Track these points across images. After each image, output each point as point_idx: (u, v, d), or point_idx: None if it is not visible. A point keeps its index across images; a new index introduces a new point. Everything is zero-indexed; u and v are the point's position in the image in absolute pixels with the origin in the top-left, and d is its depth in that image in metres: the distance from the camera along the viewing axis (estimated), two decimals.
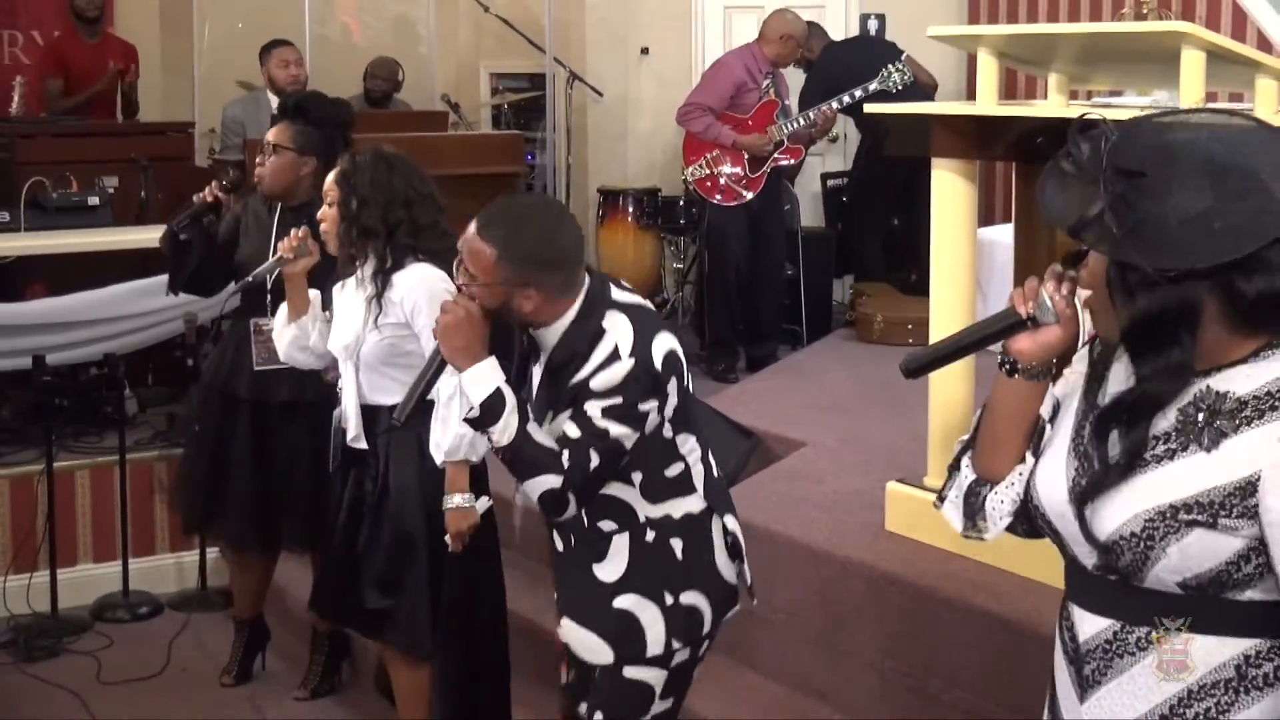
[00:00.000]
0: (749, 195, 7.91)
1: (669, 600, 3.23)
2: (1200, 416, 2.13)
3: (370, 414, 4.24)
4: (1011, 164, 4.79)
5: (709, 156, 7.89)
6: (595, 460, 3.06)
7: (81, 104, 8.46)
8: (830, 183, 9.36)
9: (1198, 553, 2.10)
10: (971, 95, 5.42)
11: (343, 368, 4.28)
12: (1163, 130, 2.16)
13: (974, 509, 2.46)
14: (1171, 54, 3.94)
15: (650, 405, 3.11)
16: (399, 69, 9.25)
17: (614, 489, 3.19)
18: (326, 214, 4.24)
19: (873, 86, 7.82)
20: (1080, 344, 2.37)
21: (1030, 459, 2.36)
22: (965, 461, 2.50)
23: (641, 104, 9.57)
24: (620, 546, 3.23)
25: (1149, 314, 2.11)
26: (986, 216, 7.25)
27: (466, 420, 3.10)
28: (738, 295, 8.02)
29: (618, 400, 3.07)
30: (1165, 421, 2.16)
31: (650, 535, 3.22)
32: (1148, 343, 2.14)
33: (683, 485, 3.26)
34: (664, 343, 3.14)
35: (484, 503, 4.09)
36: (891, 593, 4.39)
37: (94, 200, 6.97)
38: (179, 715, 5.19)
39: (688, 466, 3.26)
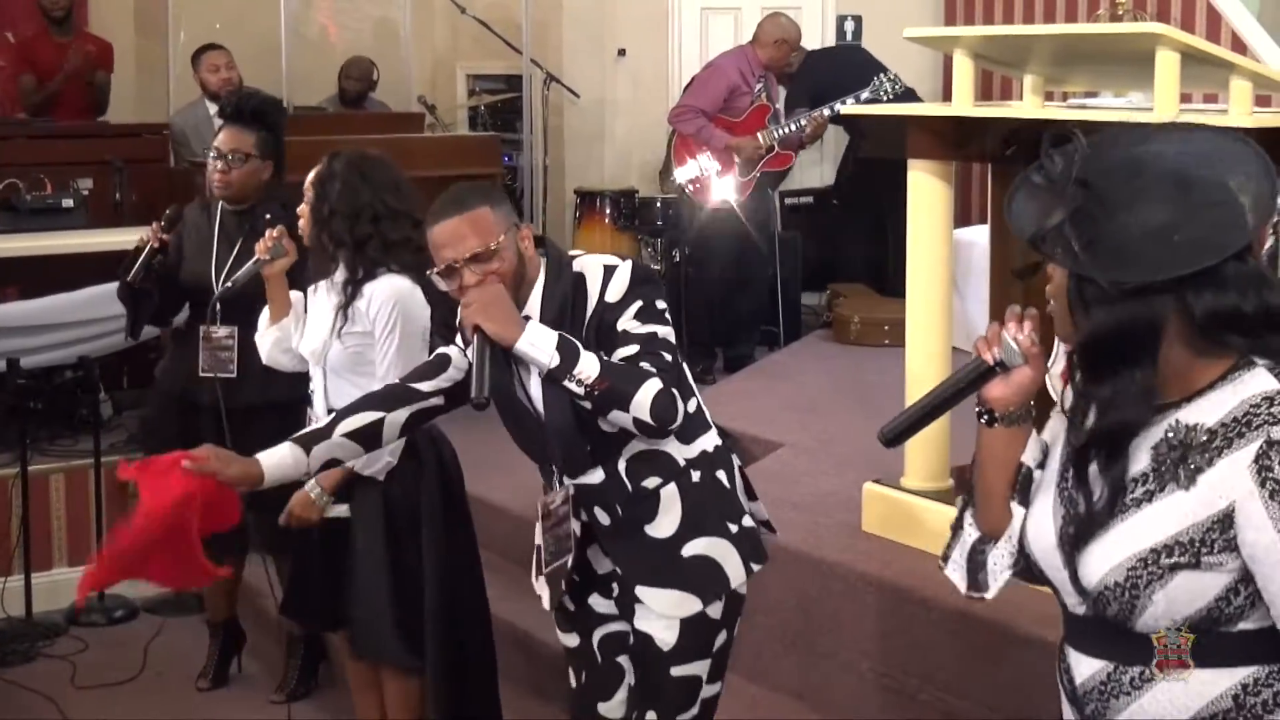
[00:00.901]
0: (738, 198, 7.93)
1: (733, 529, 3.26)
2: (1173, 454, 2.09)
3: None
4: (987, 165, 4.79)
5: (699, 159, 7.90)
6: (667, 356, 3.08)
7: (53, 94, 8.40)
8: (789, 200, 9.34)
9: (1184, 596, 2.07)
10: (948, 97, 5.42)
11: (313, 371, 4.27)
12: (1134, 142, 2.15)
13: (976, 568, 2.42)
14: (1146, 55, 3.95)
15: (664, 304, 3.17)
16: (374, 69, 9.24)
17: (649, 441, 3.19)
18: (304, 212, 4.23)
19: (864, 95, 7.85)
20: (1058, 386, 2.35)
21: (1018, 509, 2.33)
22: (968, 519, 2.46)
23: (618, 105, 9.56)
24: (670, 498, 3.23)
25: (1106, 329, 2.08)
26: (963, 217, 7.26)
27: (548, 376, 3.05)
28: (720, 297, 8.03)
29: (640, 302, 3.12)
30: (1140, 462, 2.12)
31: (696, 475, 3.25)
32: (1105, 362, 2.11)
33: (701, 421, 3.30)
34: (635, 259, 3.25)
35: (339, 509, 4.13)
36: (869, 593, 4.39)
37: (68, 202, 6.94)
38: (155, 719, 5.17)
39: (700, 401, 3.30)
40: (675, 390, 3.04)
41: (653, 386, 3.02)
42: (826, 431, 5.93)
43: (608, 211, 8.65)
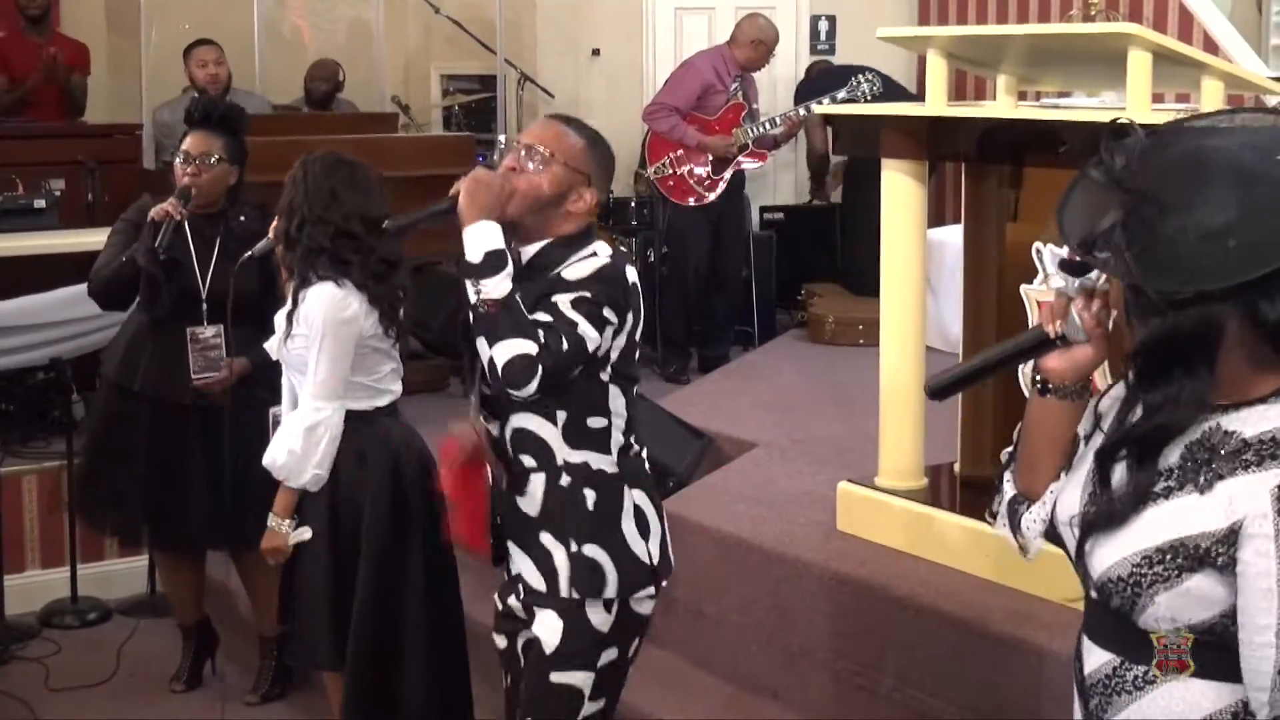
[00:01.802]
0: (711, 197, 7.94)
1: (573, 548, 3.23)
2: (1200, 456, 2.03)
3: None
4: (961, 165, 4.80)
5: (673, 156, 7.91)
6: (566, 345, 3.06)
7: (23, 95, 8.36)
8: (767, 215, 9.35)
9: (1187, 604, 2.02)
10: (922, 97, 5.43)
11: (282, 365, 4.29)
12: (1196, 135, 2.05)
13: (1015, 525, 2.37)
14: (1119, 55, 3.97)
15: (612, 317, 3.14)
16: (339, 69, 9.20)
17: (536, 424, 3.21)
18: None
19: (841, 95, 7.86)
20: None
21: (1063, 476, 2.27)
22: (1007, 476, 2.41)
23: (593, 105, 9.55)
24: (537, 486, 3.24)
25: (1159, 338, 2.00)
26: (936, 217, 7.27)
27: (463, 266, 3.06)
28: (695, 297, 8.04)
29: (586, 294, 3.11)
30: (1171, 458, 2.06)
31: (565, 480, 3.23)
32: (1157, 369, 2.03)
33: (600, 442, 3.26)
34: (632, 273, 3.24)
35: (301, 533, 4.13)
36: (843, 592, 4.39)
37: (40, 203, 6.90)
38: None
39: (609, 425, 3.27)
40: (543, 367, 3.01)
41: (524, 347, 3.01)
42: (801, 431, 5.94)
43: None
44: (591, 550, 3.23)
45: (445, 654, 4.27)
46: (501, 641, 3.46)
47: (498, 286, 3.04)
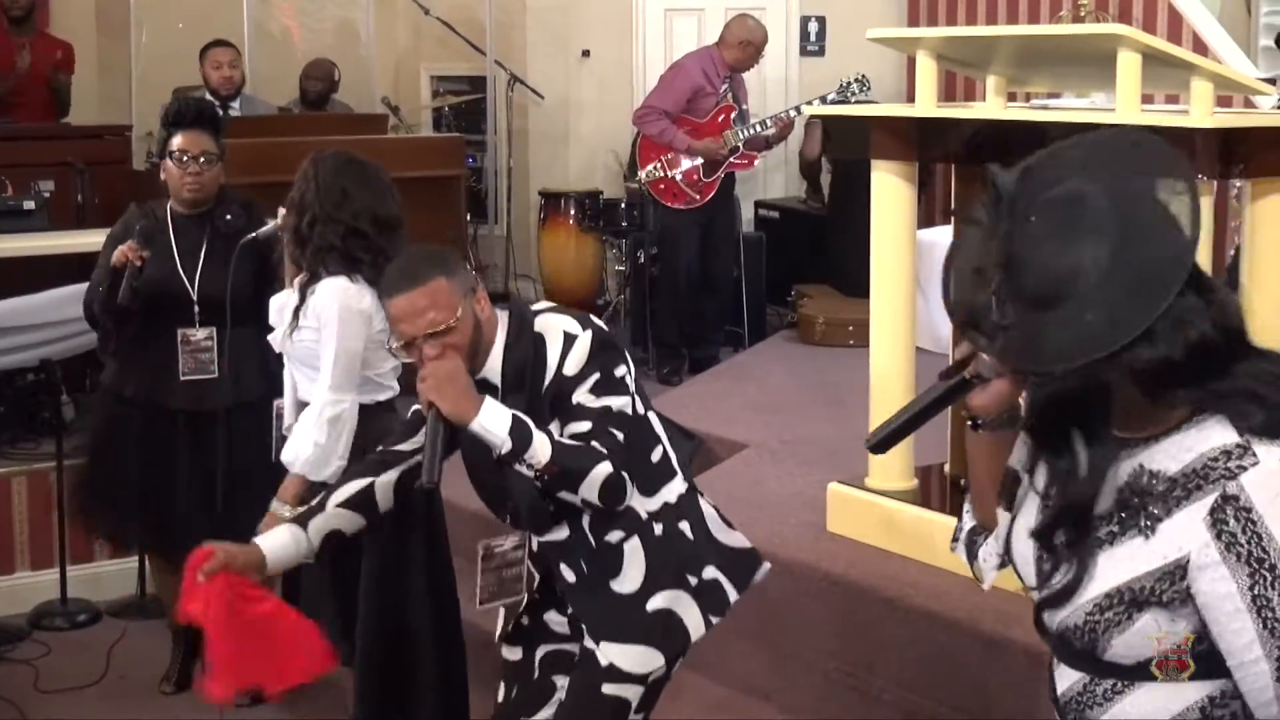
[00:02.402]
0: (701, 199, 7.95)
1: (694, 581, 3.25)
2: (1135, 500, 2.07)
3: (302, 409, 4.26)
4: (951, 166, 4.81)
5: (664, 159, 7.91)
6: (619, 434, 3.07)
7: (8, 94, 8.35)
8: (762, 213, 9.35)
9: (1140, 641, 2.07)
10: (911, 98, 5.44)
11: (286, 361, 4.29)
12: (1051, 182, 2.06)
13: (972, 555, 2.47)
14: (1108, 56, 3.97)
15: (623, 370, 3.15)
16: (335, 69, 9.21)
17: None
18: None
19: (830, 96, 7.88)
20: None
21: (1003, 515, 2.33)
22: (967, 506, 2.49)
23: (583, 106, 9.56)
24: (634, 552, 3.23)
25: (1050, 402, 2.10)
26: (926, 218, 7.28)
27: (501, 459, 3.01)
28: (685, 298, 8.04)
29: (597, 375, 3.10)
30: (1105, 502, 2.11)
31: (658, 529, 3.24)
32: (1053, 429, 2.13)
33: (666, 469, 3.28)
34: (598, 320, 3.22)
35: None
36: (833, 593, 4.40)
37: (29, 204, 6.88)
38: None
39: (665, 449, 3.29)
40: (625, 472, 3.05)
41: (603, 470, 3.03)
42: (791, 432, 5.94)
43: (572, 213, 8.66)
44: (709, 572, 3.28)
45: (449, 648, 4.27)
46: (516, 654, 3.45)
47: (541, 449, 3.00)
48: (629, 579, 3.23)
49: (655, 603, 3.23)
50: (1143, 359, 1.98)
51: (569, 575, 3.28)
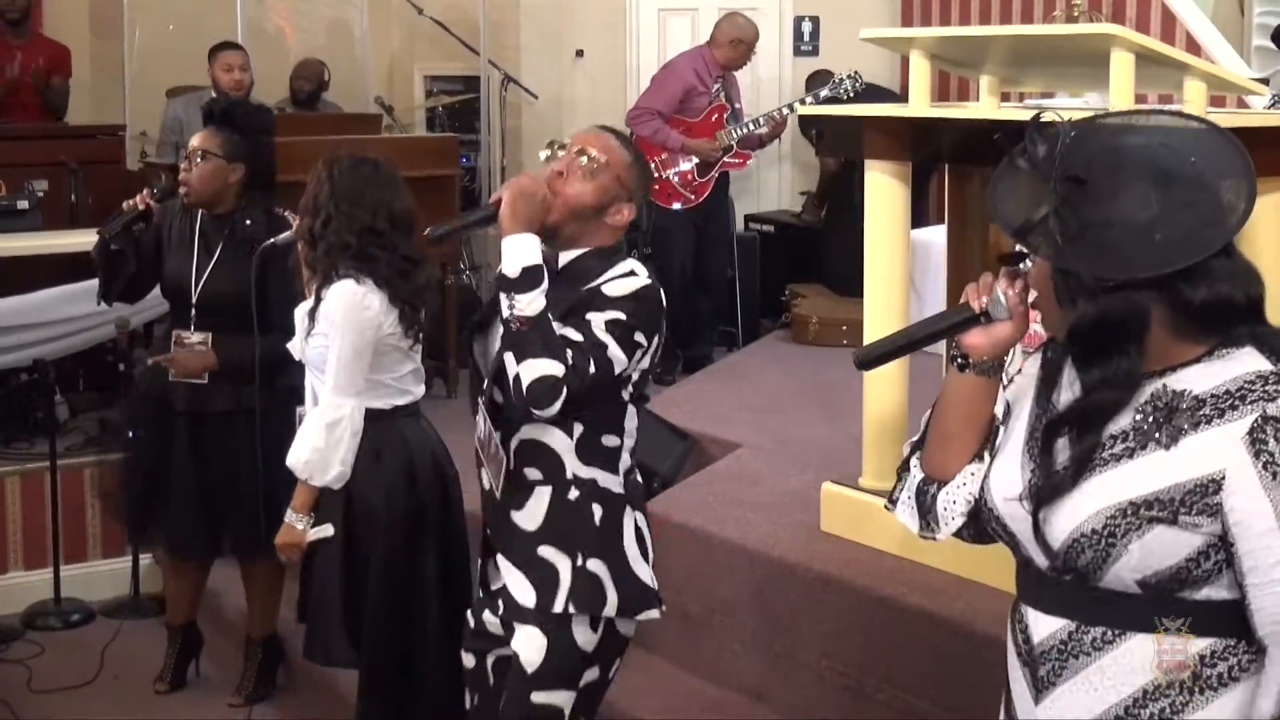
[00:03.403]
0: (696, 199, 7.95)
1: (579, 561, 3.21)
2: (1156, 416, 2.14)
3: None
4: (944, 166, 4.81)
5: (658, 160, 7.91)
6: (593, 368, 3.04)
7: (4, 97, 8.36)
8: (752, 226, 9.32)
9: (1158, 549, 2.12)
10: (904, 98, 5.44)
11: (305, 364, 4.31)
12: (1116, 132, 2.17)
13: (925, 508, 2.47)
14: (1102, 56, 3.98)
15: (642, 341, 3.13)
16: (324, 69, 9.19)
17: (550, 436, 3.19)
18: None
19: (824, 93, 7.89)
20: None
21: (985, 460, 2.38)
22: (914, 462, 2.51)
23: (576, 106, 9.55)
24: (540, 498, 3.22)
25: (1091, 321, 2.13)
26: (919, 218, 7.28)
27: (499, 279, 3.04)
28: (678, 298, 8.04)
29: (621, 315, 3.10)
30: (1123, 420, 2.17)
31: (574, 494, 3.22)
32: (1092, 349, 2.16)
33: (610, 460, 3.25)
34: (662, 294, 3.23)
35: (320, 531, 4.13)
36: (827, 593, 4.40)
37: (23, 204, 6.89)
38: None
39: (621, 445, 3.27)
40: (568, 389, 2.99)
41: (551, 368, 2.99)
42: (785, 432, 5.94)
43: None
44: (595, 565, 3.21)
45: (457, 652, 4.26)
46: (470, 660, 3.45)
47: (532, 304, 3.01)
48: (528, 519, 3.23)
49: (544, 551, 3.22)
50: (1203, 292, 2.10)
51: (489, 481, 3.30)
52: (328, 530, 4.14)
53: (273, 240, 4.55)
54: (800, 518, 4.82)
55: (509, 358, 3.02)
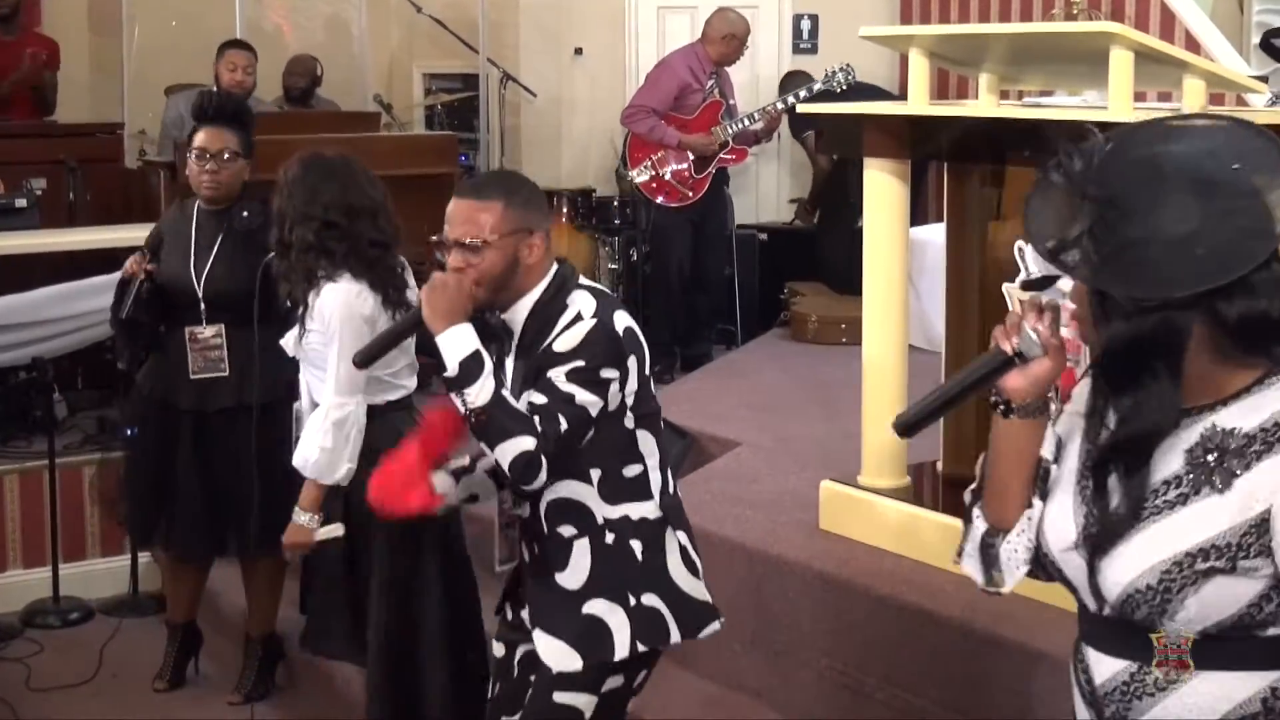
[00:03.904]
0: (694, 196, 7.95)
1: (632, 601, 3.23)
2: (1209, 458, 2.05)
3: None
4: (943, 164, 4.81)
5: (654, 158, 7.91)
6: (564, 424, 3.06)
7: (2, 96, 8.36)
8: (744, 232, 9.29)
9: (1215, 601, 2.04)
10: (903, 96, 5.43)
11: (301, 364, 4.31)
12: (1155, 141, 2.08)
13: (990, 560, 2.34)
14: (1101, 54, 3.97)
15: (612, 374, 3.13)
16: (316, 65, 9.16)
17: (572, 490, 3.20)
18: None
19: (817, 87, 7.90)
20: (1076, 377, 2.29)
21: (1038, 503, 2.27)
22: (976, 512, 2.38)
23: (575, 104, 9.55)
24: (581, 552, 3.23)
25: (1124, 341, 2.04)
26: (914, 216, 7.28)
27: (444, 379, 3.07)
28: (677, 296, 8.04)
29: (580, 363, 3.10)
30: (1174, 465, 2.08)
31: (610, 537, 3.23)
32: (1126, 373, 2.07)
33: (640, 489, 3.26)
34: (624, 319, 3.21)
35: (329, 530, 4.14)
36: (826, 591, 4.40)
37: (21, 202, 6.88)
38: None
39: (646, 470, 3.27)
40: (545, 457, 3.03)
41: (523, 444, 3.03)
42: (784, 430, 5.94)
43: (565, 211, 8.63)
44: (651, 600, 3.24)
45: (463, 653, 4.26)
46: (500, 649, 3.46)
47: (480, 393, 3.04)
48: (573, 576, 3.24)
49: (591, 607, 3.23)
50: (1239, 308, 2.00)
51: (526, 553, 3.33)
52: (338, 530, 4.16)
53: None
54: (799, 516, 4.82)
55: (485, 450, 3.09)
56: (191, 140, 5.00)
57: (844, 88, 7.78)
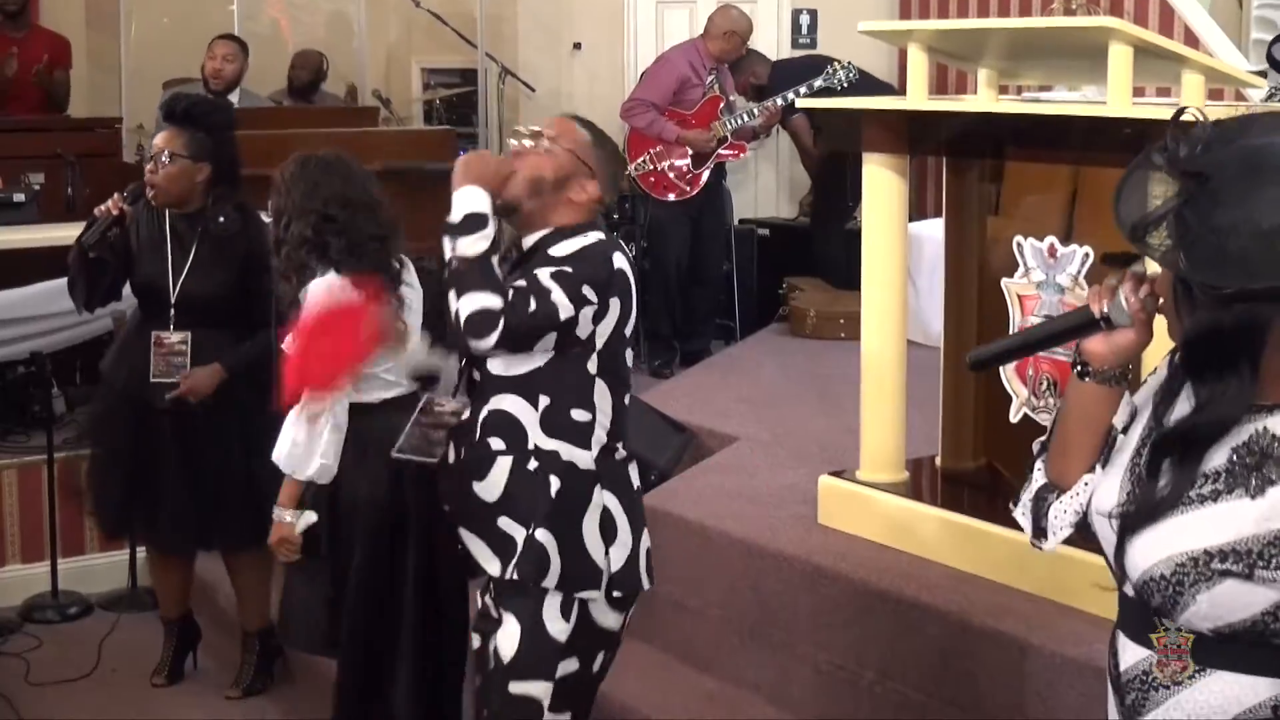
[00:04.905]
0: (691, 191, 7.95)
1: (530, 530, 3.23)
2: (1250, 460, 2.03)
3: None
4: (942, 159, 4.81)
5: (653, 152, 7.92)
6: (533, 307, 3.09)
7: (5, 90, 8.35)
8: (744, 227, 9.28)
9: (1228, 603, 2.02)
10: (902, 91, 5.44)
11: None
12: (1263, 131, 2.02)
13: (1039, 515, 2.34)
14: (1100, 49, 3.97)
15: (591, 295, 3.17)
16: (323, 59, 9.17)
17: (516, 406, 3.23)
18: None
19: (818, 83, 7.89)
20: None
21: (1099, 470, 2.25)
22: (1039, 465, 2.38)
23: (574, 99, 9.54)
24: (502, 470, 3.25)
25: (1204, 332, 2.01)
26: (918, 211, 7.28)
27: (444, 224, 3.13)
28: (676, 291, 8.04)
29: (567, 269, 3.15)
30: (1217, 459, 2.06)
31: (532, 464, 3.24)
32: (1206, 364, 2.04)
33: (580, 436, 3.26)
34: (623, 260, 3.27)
35: (305, 519, 4.13)
36: (824, 586, 4.40)
37: (19, 197, 6.89)
38: (110, 716, 5.14)
39: (594, 422, 3.27)
40: (505, 321, 3.05)
41: (489, 301, 3.05)
42: (782, 425, 5.94)
43: None
44: (543, 536, 3.22)
45: (438, 653, 4.25)
46: (476, 641, 3.46)
47: (473, 245, 3.09)
48: (488, 489, 3.27)
49: (503, 523, 3.26)
50: None
51: (452, 453, 3.36)
52: (312, 516, 4.14)
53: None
54: (798, 510, 4.82)
55: (450, 295, 3.10)
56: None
57: (845, 86, 7.77)
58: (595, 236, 3.26)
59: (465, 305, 3.06)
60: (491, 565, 3.29)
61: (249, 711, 5.16)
